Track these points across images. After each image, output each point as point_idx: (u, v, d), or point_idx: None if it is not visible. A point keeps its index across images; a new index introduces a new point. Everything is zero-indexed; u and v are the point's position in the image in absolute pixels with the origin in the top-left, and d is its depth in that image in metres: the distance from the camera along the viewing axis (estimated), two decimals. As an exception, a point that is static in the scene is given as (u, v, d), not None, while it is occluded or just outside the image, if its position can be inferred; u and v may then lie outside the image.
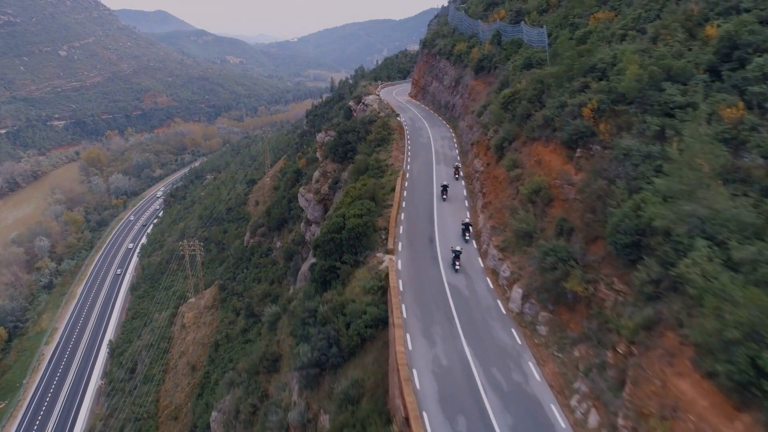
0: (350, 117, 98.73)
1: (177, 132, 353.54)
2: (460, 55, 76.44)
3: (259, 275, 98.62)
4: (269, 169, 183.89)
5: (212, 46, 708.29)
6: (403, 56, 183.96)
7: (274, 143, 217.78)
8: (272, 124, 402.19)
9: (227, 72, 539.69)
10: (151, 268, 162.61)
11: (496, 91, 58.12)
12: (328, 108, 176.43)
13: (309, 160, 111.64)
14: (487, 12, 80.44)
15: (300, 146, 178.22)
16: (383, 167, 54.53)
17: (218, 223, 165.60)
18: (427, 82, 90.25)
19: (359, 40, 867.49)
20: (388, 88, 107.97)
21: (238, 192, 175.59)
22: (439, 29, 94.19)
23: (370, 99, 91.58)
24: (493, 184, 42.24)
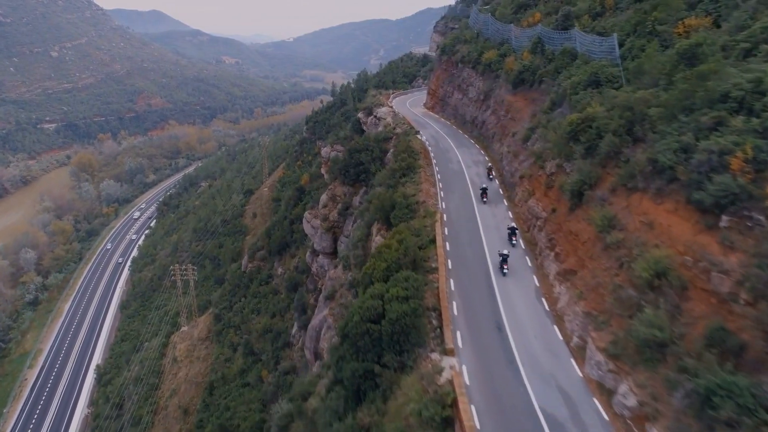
0: (360, 131, 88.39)
1: (171, 135, 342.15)
2: (489, 65, 66.21)
3: (259, 306, 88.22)
4: (267, 177, 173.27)
5: (207, 46, 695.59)
6: (408, 59, 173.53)
7: (272, 150, 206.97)
8: (269, 126, 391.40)
9: (223, 73, 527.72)
10: (142, 284, 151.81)
11: (545, 111, 48.00)
12: (330, 114, 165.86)
13: (312, 176, 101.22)
14: (519, 15, 70.20)
15: (300, 154, 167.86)
16: (413, 205, 44.27)
17: (213, 236, 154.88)
18: (447, 93, 79.97)
19: (356, 40, 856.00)
20: (400, 97, 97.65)
21: (234, 203, 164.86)
22: (460, 34, 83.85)
23: (383, 112, 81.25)
24: (571, 243, 32.03)
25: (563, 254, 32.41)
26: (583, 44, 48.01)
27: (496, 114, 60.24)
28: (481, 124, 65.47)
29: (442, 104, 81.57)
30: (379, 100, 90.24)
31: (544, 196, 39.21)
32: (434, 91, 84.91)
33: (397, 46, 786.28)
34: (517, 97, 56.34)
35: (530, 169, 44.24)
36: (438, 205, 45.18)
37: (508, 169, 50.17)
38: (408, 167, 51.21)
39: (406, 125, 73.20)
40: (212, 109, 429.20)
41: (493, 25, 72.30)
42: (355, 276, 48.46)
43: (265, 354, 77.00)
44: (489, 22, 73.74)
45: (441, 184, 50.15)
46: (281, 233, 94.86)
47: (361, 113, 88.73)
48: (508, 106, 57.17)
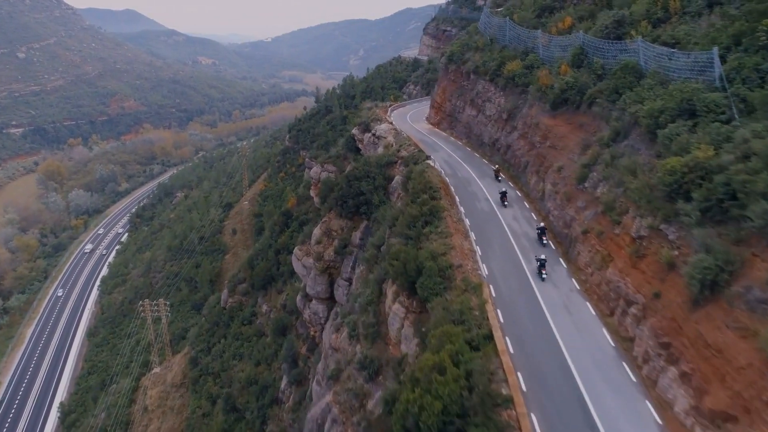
0: (355, 149, 77.30)
1: (146, 140, 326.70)
2: (512, 78, 55.59)
3: (241, 350, 76.60)
4: (247, 189, 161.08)
5: (183, 46, 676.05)
6: (398, 63, 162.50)
7: (252, 158, 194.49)
8: (248, 129, 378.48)
9: (199, 74, 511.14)
10: (111, 309, 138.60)
11: (604, 142, 37.65)
12: (314, 122, 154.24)
13: (300, 197, 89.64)
14: (543, 19, 59.71)
15: (282, 165, 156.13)
16: (446, 270, 33.46)
17: (190, 255, 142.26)
18: (457, 108, 69.20)
19: (334, 40, 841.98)
20: (398, 110, 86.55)
21: (213, 217, 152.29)
22: (469, 40, 73.06)
23: (383, 129, 70.30)
24: (711, 362, 21.45)
25: (699, 378, 21.79)
26: (653, 58, 37.64)
27: (528, 139, 49.61)
28: (505, 148, 54.82)
29: (451, 120, 70.78)
30: (376, 113, 79.17)
31: (633, 269, 28.62)
32: (440, 105, 74.10)
33: (376, 47, 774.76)
34: (557, 121, 45.79)
35: (597, 222, 33.70)
36: (478, 269, 34.41)
37: (557, 214, 39.56)
38: (431, 211, 40.27)
39: (413, 146, 62.32)
40: (189, 111, 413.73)
41: (513, 31, 61.72)
42: (367, 354, 37.51)
43: (250, 411, 65.55)
44: (506, 27, 63.12)
45: (473, 233, 39.36)
46: (265, 265, 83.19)
47: (356, 129, 77.60)
48: (545, 130, 46.58)
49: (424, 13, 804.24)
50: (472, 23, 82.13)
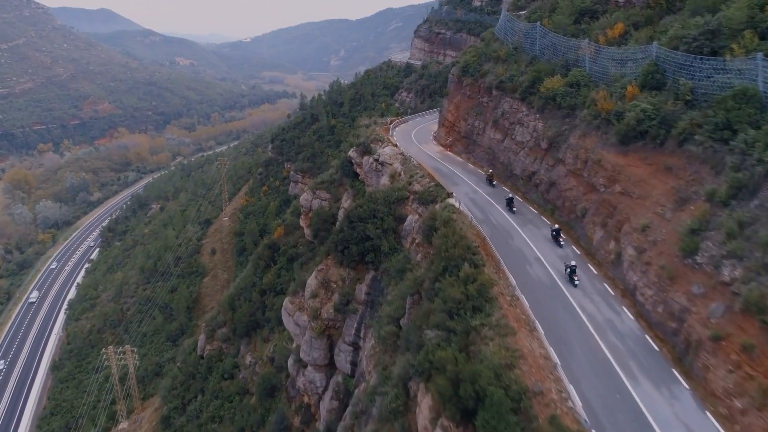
0: (352, 174, 65.98)
1: (120, 145, 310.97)
2: (554, 98, 44.81)
3: (221, 412, 64.65)
4: (227, 203, 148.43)
5: (160, 46, 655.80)
6: (388, 68, 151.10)
7: (232, 167, 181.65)
8: (227, 133, 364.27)
9: (177, 75, 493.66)
10: (78, 339, 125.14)
11: (722, 200, 27.21)
12: (299, 132, 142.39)
13: (288, 226, 77.73)
14: (582, 25, 49.07)
15: (265, 178, 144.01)
16: (521, 401, 22.46)
17: (165, 277, 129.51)
18: (475, 129, 58.17)
19: (315, 40, 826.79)
20: (401, 127, 74.90)
21: (190, 235, 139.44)
22: (485, 48, 62.05)
23: (387, 154, 59.06)
24: None
25: None
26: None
27: (584, 178, 38.81)
28: (547, 185, 43.96)
29: (468, 143, 59.79)
30: (376, 132, 67.80)
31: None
32: (452, 124, 63.04)
33: (357, 47, 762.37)
34: (630, 159, 35.06)
35: (736, 324, 23.07)
36: (567, 397, 23.41)
37: (653, 296, 28.74)
38: (479, 292, 29.13)
39: (426, 177, 51.26)
40: (166, 114, 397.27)
41: (545, 39, 50.95)
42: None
43: None
44: (536, 35, 52.35)
45: (539, 323, 28.36)
46: (249, 308, 71.29)
47: (354, 151, 66.14)
48: (612, 171, 35.83)
49: (404, 14, 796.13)
50: (488, 29, 70.94)
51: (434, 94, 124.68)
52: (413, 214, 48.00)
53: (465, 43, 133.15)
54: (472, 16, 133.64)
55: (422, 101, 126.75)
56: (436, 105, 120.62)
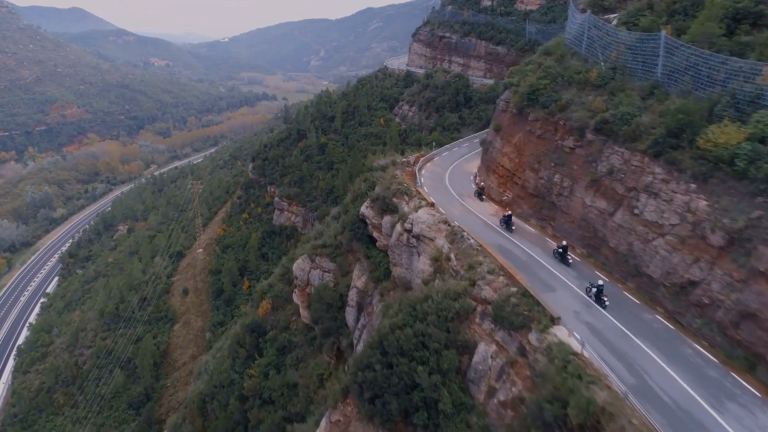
0: (367, 238, 46.58)
1: (89, 153, 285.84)
2: (730, 161, 26.18)
3: None
4: (201, 231, 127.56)
5: (134, 47, 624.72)
6: (384, 77, 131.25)
7: (208, 184, 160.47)
8: (205, 139, 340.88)
9: (151, 77, 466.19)
10: (24, 400, 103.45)
11: None
12: (284, 150, 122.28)
13: (275, 298, 57.48)
14: (739, 37, 30.60)
15: (245, 203, 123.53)
16: None
17: (128, 323, 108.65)
18: (553, 186, 38.94)
19: (295, 40, 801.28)
20: (428, 166, 54.69)
21: (158, 270, 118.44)
22: (558, 66, 42.83)
23: (423, 221, 39.84)
24: None
25: None
26: None
27: None
28: (737, 316, 25.21)
29: (540, 204, 40.63)
30: (399, 180, 48.24)
31: None
32: (511, 173, 43.90)
33: (338, 47, 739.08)
34: None
35: None
36: None
37: None
38: None
39: (496, 271, 32.21)
40: (139, 119, 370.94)
41: (677, 57, 32.13)
42: None
43: None
44: (661, 50, 33.50)
45: None
46: (225, 421, 51.07)
47: (369, 208, 46.66)
48: None
49: (385, 13, 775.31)
50: (500, 32, 50.74)
51: (442, 109, 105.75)
52: (488, 343, 28.97)
53: (474, 48, 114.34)
54: (482, 17, 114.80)
55: (427, 116, 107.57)
56: (445, 122, 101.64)
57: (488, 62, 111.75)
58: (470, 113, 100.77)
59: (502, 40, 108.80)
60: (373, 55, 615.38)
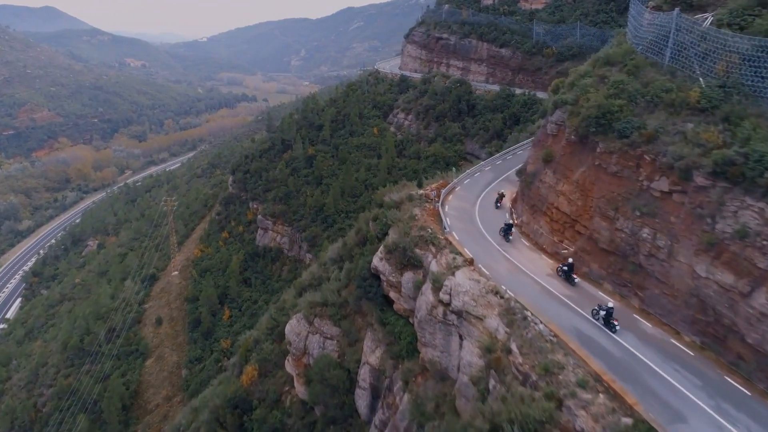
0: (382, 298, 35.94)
1: (59, 160, 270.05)
2: None
3: None
4: (177, 251, 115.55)
5: (109, 47, 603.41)
6: (376, 81, 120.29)
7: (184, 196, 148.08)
8: (182, 143, 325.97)
9: (126, 78, 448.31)
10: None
11: None
12: (268, 161, 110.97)
13: (261, 362, 46.12)
14: None
15: (225, 221, 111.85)
16: None
17: (95, 358, 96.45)
18: (640, 243, 28.86)
19: (275, 40, 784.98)
20: (450, 199, 43.38)
21: (129, 296, 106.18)
22: (631, 81, 32.62)
23: (463, 289, 29.37)
24: None
25: None
26: None
27: None
28: None
29: (619, 264, 30.31)
30: (420, 222, 37.63)
31: None
32: (572, 219, 33.53)
33: (318, 47, 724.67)
34: None
35: None
36: None
37: None
38: None
39: (591, 384, 21.91)
40: (113, 122, 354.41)
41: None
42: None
43: None
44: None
45: None
46: None
47: (382, 260, 36.07)
48: None
49: (366, 12, 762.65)
50: (504, 33, 39.40)
51: (442, 117, 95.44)
52: None
53: (475, 50, 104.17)
54: (483, 17, 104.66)
55: (426, 125, 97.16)
56: (446, 132, 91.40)
57: (491, 66, 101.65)
58: (474, 123, 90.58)
59: (507, 42, 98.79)
60: (354, 55, 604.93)
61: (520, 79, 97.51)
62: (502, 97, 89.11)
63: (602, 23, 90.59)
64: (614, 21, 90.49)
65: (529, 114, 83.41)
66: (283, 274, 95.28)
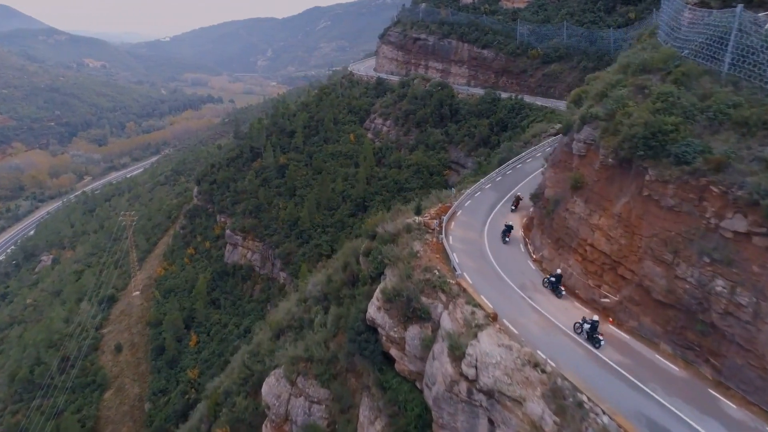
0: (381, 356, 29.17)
1: (12, 166, 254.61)
2: None
3: None
4: (138, 269, 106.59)
5: (67, 47, 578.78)
6: (351, 84, 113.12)
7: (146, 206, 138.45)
8: (145, 146, 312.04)
9: (86, 79, 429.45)
10: None
11: None
12: (236, 171, 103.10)
13: (238, 425, 38.96)
14: None
15: (190, 236, 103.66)
16: None
17: (47, 392, 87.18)
18: (700, 291, 23.03)
19: (240, 39, 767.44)
20: (453, 227, 36.68)
21: (85, 320, 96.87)
22: (649, 83, 27.00)
23: (495, 358, 23.00)
24: None
25: None
26: None
27: None
28: None
29: (681, 322, 24.37)
30: (424, 260, 31.12)
31: None
32: (612, 260, 27.40)
33: (285, 47, 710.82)
34: None
35: None
36: None
37: None
38: None
39: None
40: (71, 125, 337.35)
41: None
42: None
43: None
44: None
45: None
46: None
47: (380, 310, 29.43)
48: None
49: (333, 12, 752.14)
50: (486, 33, 32.97)
51: (423, 123, 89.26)
52: None
53: (455, 52, 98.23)
54: (463, 16, 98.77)
55: (406, 132, 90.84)
56: (428, 139, 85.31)
57: (472, 68, 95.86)
58: (458, 129, 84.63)
59: (489, 43, 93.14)
60: (322, 55, 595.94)
61: (503, 81, 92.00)
62: (487, 102, 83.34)
63: (590, 23, 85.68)
64: (602, 21, 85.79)
65: (517, 119, 77.82)
66: (255, 294, 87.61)
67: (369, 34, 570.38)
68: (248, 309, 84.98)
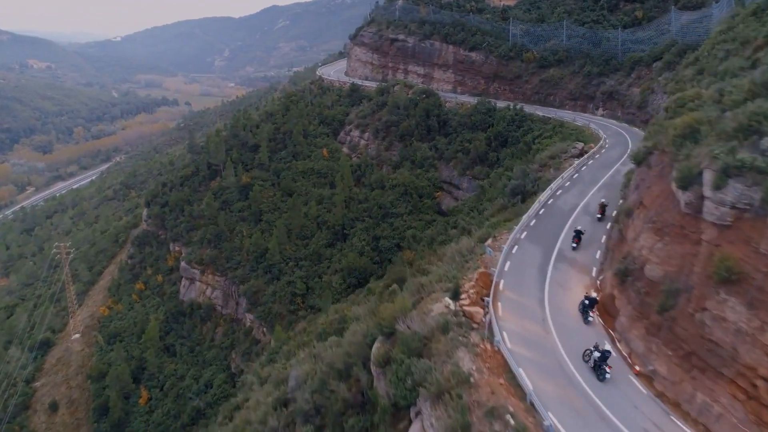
0: None
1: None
2: None
3: None
4: (78, 307, 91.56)
5: (9, 47, 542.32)
6: (321, 91, 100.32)
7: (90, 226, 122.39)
8: (95, 153, 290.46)
9: (29, 82, 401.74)
10: None
11: None
12: (191, 191, 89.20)
13: None
14: None
15: (139, 267, 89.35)
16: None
17: (-36, 464, 71.72)
18: None
19: (196, 39, 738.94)
20: (502, 312, 26.08)
21: (14, 371, 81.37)
22: None
23: None
24: None
25: None
26: None
27: None
28: None
29: None
30: (484, 393, 19.69)
31: None
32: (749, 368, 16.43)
33: (243, 46, 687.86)
34: None
35: None
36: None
37: None
38: None
39: None
40: (13, 131, 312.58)
41: None
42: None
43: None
44: None
45: None
46: None
47: None
48: None
49: (291, 11, 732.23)
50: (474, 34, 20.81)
51: (408, 136, 77.71)
52: None
53: (439, 54, 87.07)
54: (447, 15, 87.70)
55: (388, 146, 79.15)
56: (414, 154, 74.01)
57: (459, 72, 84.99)
58: (449, 143, 73.53)
59: (477, 45, 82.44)
60: (281, 55, 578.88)
61: (495, 88, 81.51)
62: (481, 112, 72.47)
63: (592, 22, 75.95)
64: (606, 20, 76.16)
65: (518, 133, 67.18)
66: (216, 339, 74.20)
67: (329, 33, 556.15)
68: (209, 357, 71.62)
